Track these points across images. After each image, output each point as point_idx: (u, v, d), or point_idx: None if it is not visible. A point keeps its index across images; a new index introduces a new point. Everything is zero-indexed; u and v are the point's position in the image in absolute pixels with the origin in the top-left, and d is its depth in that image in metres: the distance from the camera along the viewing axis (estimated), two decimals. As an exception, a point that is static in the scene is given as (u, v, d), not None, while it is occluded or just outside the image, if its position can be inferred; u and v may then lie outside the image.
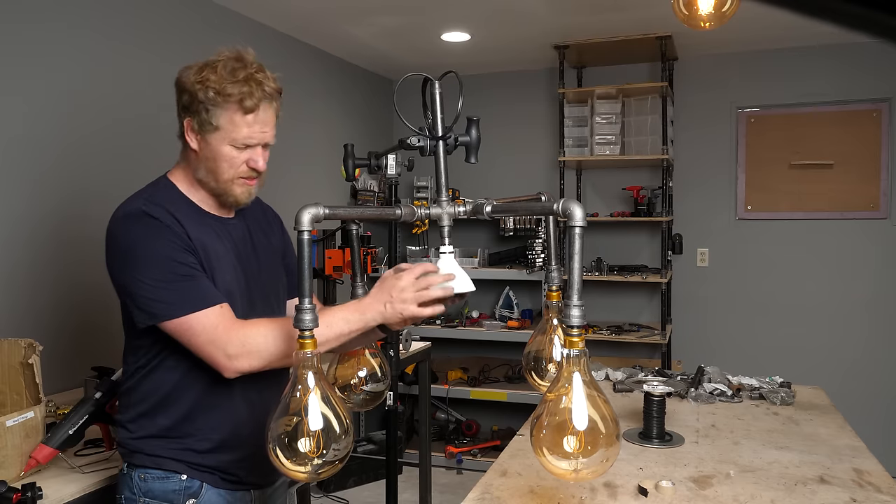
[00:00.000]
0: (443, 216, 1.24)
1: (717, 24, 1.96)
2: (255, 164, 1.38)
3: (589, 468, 0.95)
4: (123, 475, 1.41)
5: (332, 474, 1.07)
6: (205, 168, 1.38)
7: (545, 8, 3.37)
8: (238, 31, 3.32)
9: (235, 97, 1.30)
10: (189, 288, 1.29)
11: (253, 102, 1.32)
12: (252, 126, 1.34)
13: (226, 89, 1.30)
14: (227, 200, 1.41)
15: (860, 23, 0.36)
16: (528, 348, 1.38)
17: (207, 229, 1.40)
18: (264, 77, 1.34)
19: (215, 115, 1.32)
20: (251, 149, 1.37)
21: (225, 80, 1.30)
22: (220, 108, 1.31)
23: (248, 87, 1.31)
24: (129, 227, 1.32)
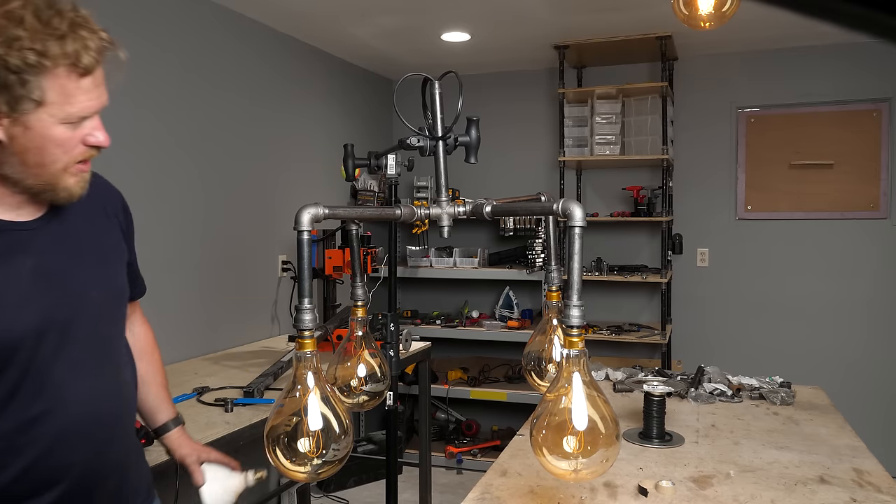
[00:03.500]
0: (443, 216, 1.24)
1: (717, 24, 1.96)
2: (95, 139, 1.03)
3: (589, 468, 0.95)
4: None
5: (331, 474, 1.07)
6: (20, 162, 0.98)
7: (545, 8, 3.37)
8: (238, 30, 3.32)
9: (69, 56, 0.94)
10: None
11: (91, 59, 0.96)
12: (90, 92, 0.99)
13: (50, 48, 0.92)
14: (55, 197, 1.04)
15: (860, 23, 0.36)
16: (527, 348, 1.38)
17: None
18: (88, 21, 1.00)
19: (36, 88, 0.93)
20: (88, 120, 1.02)
21: (45, 36, 0.92)
22: (44, 74, 0.93)
23: (80, 38, 0.95)
24: None
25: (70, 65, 0.95)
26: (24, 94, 0.93)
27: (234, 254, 3.30)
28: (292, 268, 3.67)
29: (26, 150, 0.97)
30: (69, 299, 1.09)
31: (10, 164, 0.99)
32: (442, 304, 4.74)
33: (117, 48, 1.02)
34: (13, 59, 0.90)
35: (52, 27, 0.93)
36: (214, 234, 3.17)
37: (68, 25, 0.94)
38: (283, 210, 3.61)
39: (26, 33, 0.91)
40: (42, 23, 0.92)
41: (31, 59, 0.91)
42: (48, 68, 0.93)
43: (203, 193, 3.09)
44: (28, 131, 0.96)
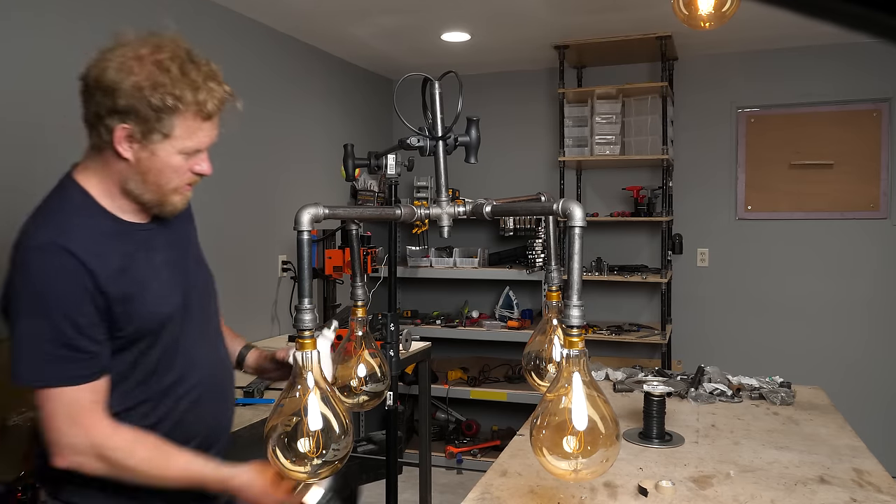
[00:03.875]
0: (443, 216, 1.24)
1: (717, 24, 1.96)
2: (201, 168, 1.24)
3: (589, 468, 0.95)
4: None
5: (331, 474, 1.07)
6: (141, 179, 1.20)
7: (545, 8, 3.37)
8: (238, 30, 3.32)
9: (198, 104, 1.15)
10: (69, 360, 1.13)
11: (214, 107, 1.18)
12: (208, 132, 1.21)
13: (185, 96, 1.14)
14: (162, 210, 1.26)
15: (860, 23, 0.36)
16: (527, 348, 1.38)
17: (132, 248, 1.23)
18: (217, 74, 1.20)
19: (168, 124, 1.15)
20: (199, 153, 1.23)
21: (183, 84, 1.14)
22: (176, 115, 1.15)
23: (209, 90, 1.17)
24: (38, 264, 1.13)
25: (197, 110, 1.16)
26: (157, 128, 1.14)
27: (233, 254, 3.29)
28: (292, 268, 3.67)
29: (148, 170, 1.18)
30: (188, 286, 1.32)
31: (134, 181, 1.20)
32: (442, 304, 4.74)
33: (236, 100, 1.24)
34: (155, 100, 1.12)
35: (190, 78, 1.14)
36: (214, 234, 3.17)
37: (202, 78, 1.16)
38: (283, 210, 3.61)
39: (169, 81, 1.12)
40: (182, 73, 1.14)
41: (168, 102, 1.12)
42: (180, 111, 1.14)
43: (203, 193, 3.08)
44: (152, 157, 1.17)
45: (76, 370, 1.14)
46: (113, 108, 1.13)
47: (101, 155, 1.20)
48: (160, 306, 1.24)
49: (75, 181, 1.23)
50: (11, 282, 1.15)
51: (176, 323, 1.27)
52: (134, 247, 1.23)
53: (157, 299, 1.24)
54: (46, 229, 1.16)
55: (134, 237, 1.24)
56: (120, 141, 1.16)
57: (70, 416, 1.13)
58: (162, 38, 1.18)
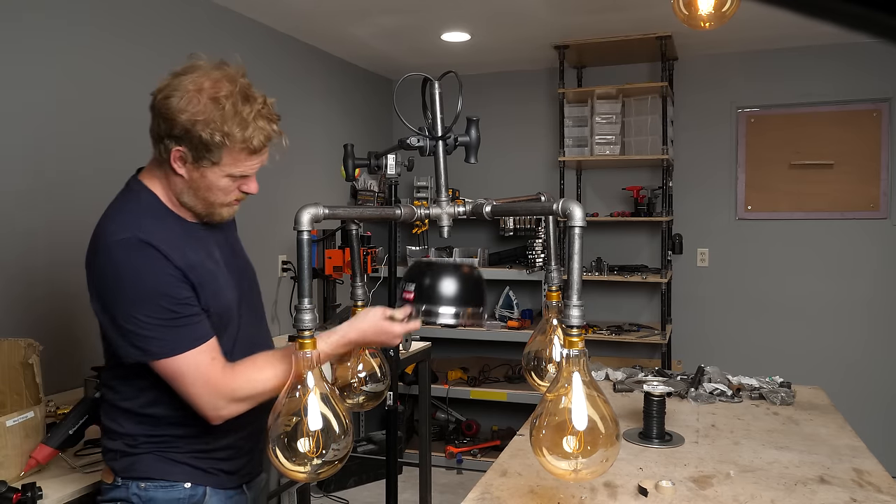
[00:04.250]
0: (443, 216, 1.24)
1: (717, 24, 1.96)
2: (249, 189, 1.36)
3: (589, 468, 0.95)
4: (118, 487, 1.35)
5: (331, 474, 1.07)
6: (193, 194, 1.33)
7: (545, 8, 3.37)
8: (238, 30, 3.33)
9: (245, 140, 1.26)
10: (184, 327, 1.26)
11: (260, 143, 1.29)
12: (254, 161, 1.32)
13: (234, 133, 1.25)
14: (211, 220, 1.39)
15: (860, 23, 0.36)
16: (527, 348, 1.38)
17: (197, 246, 1.36)
18: (269, 111, 1.31)
19: (217, 155, 1.27)
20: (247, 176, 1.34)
21: (232, 122, 1.24)
22: (224, 149, 1.26)
23: (257, 128, 1.27)
24: (124, 258, 1.25)
25: (244, 146, 1.27)
26: (207, 156, 1.27)
27: (234, 254, 3.29)
28: (292, 268, 3.66)
29: (199, 188, 1.32)
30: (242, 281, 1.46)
31: (187, 194, 1.33)
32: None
33: (282, 137, 1.35)
34: (205, 135, 1.23)
35: (241, 116, 1.25)
36: (214, 234, 3.17)
37: (253, 116, 1.26)
38: (283, 210, 3.61)
39: (220, 118, 1.23)
40: (235, 112, 1.24)
41: (216, 138, 1.24)
42: (227, 146, 1.26)
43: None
44: (202, 177, 1.30)
45: (193, 333, 1.26)
46: (170, 133, 1.26)
47: (162, 166, 1.33)
48: (227, 295, 1.37)
49: (143, 184, 1.36)
50: (103, 278, 1.27)
51: (237, 313, 1.40)
52: (198, 244, 1.36)
53: (223, 289, 1.37)
54: (124, 226, 1.28)
55: (196, 235, 1.37)
56: (175, 160, 1.29)
57: (202, 380, 1.25)
58: (226, 71, 1.28)
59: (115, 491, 1.36)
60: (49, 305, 2.40)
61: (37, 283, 2.37)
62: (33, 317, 2.34)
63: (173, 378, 1.26)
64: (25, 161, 2.33)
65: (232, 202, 1.37)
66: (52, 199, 2.42)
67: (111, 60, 2.66)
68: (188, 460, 1.36)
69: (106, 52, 2.63)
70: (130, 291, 1.24)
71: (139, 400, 1.34)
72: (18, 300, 2.31)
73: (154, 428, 1.34)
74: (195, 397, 1.26)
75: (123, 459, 1.35)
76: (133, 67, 2.74)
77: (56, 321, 2.42)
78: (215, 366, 1.27)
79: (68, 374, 2.35)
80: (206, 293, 1.31)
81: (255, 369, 1.27)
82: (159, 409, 1.33)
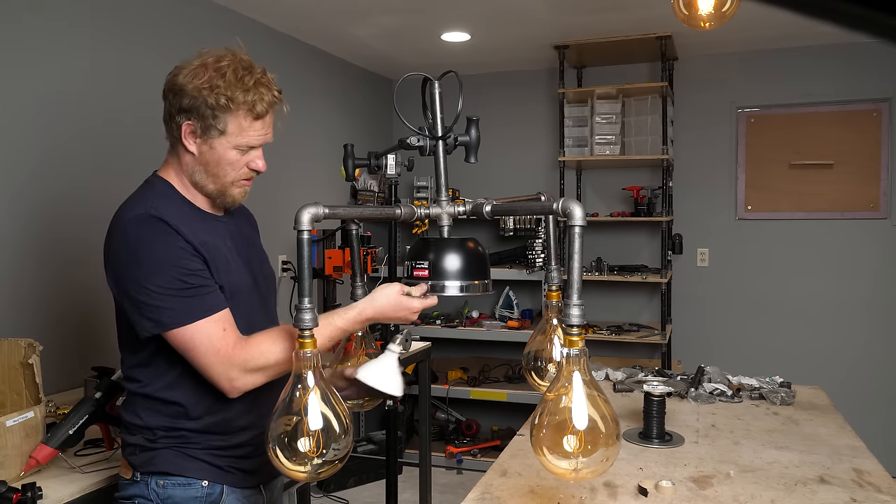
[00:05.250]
0: (442, 216, 1.24)
1: (717, 24, 1.96)
2: (256, 165, 1.39)
3: (589, 468, 0.95)
4: (135, 482, 1.37)
5: (331, 474, 1.07)
6: (204, 171, 1.37)
7: (545, 8, 3.37)
8: (238, 30, 3.32)
9: (248, 104, 1.31)
10: (195, 297, 1.28)
11: (263, 108, 1.33)
12: (259, 130, 1.36)
13: (237, 96, 1.30)
14: (223, 202, 1.42)
15: (860, 23, 0.36)
16: (527, 348, 1.38)
17: (209, 229, 1.40)
18: (270, 82, 1.36)
19: (223, 121, 1.32)
20: (253, 150, 1.38)
21: (235, 87, 1.30)
22: (229, 113, 1.31)
23: (259, 93, 1.32)
24: (136, 232, 1.30)
25: (248, 110, 1.32)
26: (214, 124, 1.32)
27: (234, 254, 3.29)
28: (292, 268, 3.66)
29: (208, 163, 1.36)
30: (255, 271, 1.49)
31: (198, 172, 1.38)
32: (442, 304, 4.73)
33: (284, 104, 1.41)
34: (211, 99, 1.29)
35: (243, 82, 1.31)
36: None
37: (254, 83, 1.32)
38: (283, 210, 3.61)
39: (224, 84, 1.30)
40: (237, 79, 1.31)
41: (222, 101, 1.30)
42: (232, 110, 1.31)
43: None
44: (211, 150, 1.34)
45: (205, 303, 1.29)
46: (180, 107, 1.32)
47: (175, 151, 1.39)
48: (237, 275, 1.41)
49: (158, 175, 1.42)
50: (118, 254, 1.31)
51: (248, 297, 1.43)
52: (211, 229, 1.40)
53: (234, 270, 1.40)
54: (136, 207, 1.33)
55: (209, 222, 1.42)
56: (185, 135, 1.34)
57: (213, 349, 1.27)
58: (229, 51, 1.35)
59: (134, 487, 1.38)
60: (49, 305, 2.40)
61: (37, 283, 2.37)
62: (33, 317, 2.34)
63: (186, 349, 1.28)
64: (25, 161, 2.33)
65: (241, 180, 1.40)
66: (51, 198, 2.42)
67: (110, 61, 2.65)
68: (205, 457, 1.36)
69: (105, 52, 2.63)
70: (143, 263, 1.28)
71: (158, 384, 1.35)
72: (18, 300, 2.30)
73: (171, 420, 1.35)
74: (208, 367, 1.28)
75: (143, 454, 1.36)
76: (133, 68, 2.74)
77: (56, 321, 2.42)
78: (228, 336, 1.29)
79: (68, 374, 2.35)
80: (217, 269, 1.35)
81: (269, 341, 1.28)
82: (177, 394, 1.34)
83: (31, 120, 2.35)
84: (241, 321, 1.37)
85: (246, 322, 1.39)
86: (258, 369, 1.28)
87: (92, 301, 2.47)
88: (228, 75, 1.30)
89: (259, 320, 1.45)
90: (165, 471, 1.35)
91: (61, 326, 2.43)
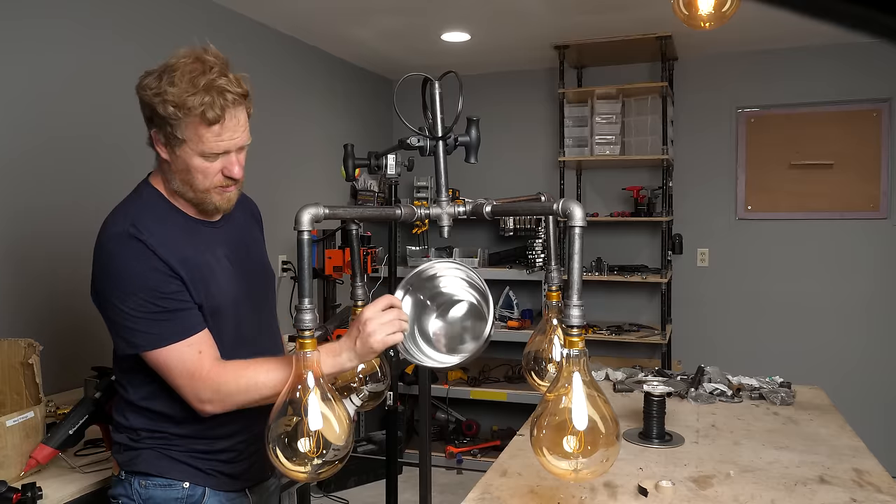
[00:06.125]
0: (443, 216, 1.24)
1: (717, 24, 1.96)
2: (229, 172, 1.32)
3: (589, 468, 0.95)
4: (120, 480, 1.38)
5: (332, 474, 1.07)
6: (179, 179, 1.33)
7: (545, 8, 3.37)
8: (238, 31, 3.32)
9: (196, 110, 1.23)
10: (169, 321, 1.26)
11: (215, 114, 1.24)
12: (220, 135, 1.27)
13: (185, 102, 1.22)
14: (207, 209, 1.37)
15: (860, 23, 0.36)
16: (527, 348, 1.38)
17: (196, 241, 1.36)
18: (227, 82, 1.26)
19: (179, 129, 1.25)
20: (224, 156, 1.30)
21: (184, 92, 1.22)
22: (181, 122, 1.24)
23: (210, 96, 1.23)
24: (114, 252, 1.28)
25: (199, 116, 1.24)
26: (173, 133, 1.26)
27: (234, 254, 3.29)
28: (292, 268, 3.66)
29: (179, 170, 1.31)
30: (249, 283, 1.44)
31: (175, 180, 1.34)
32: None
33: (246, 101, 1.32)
34: (160, 109, 1.24)
35: (194, 85, 1.23)
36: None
37: (205, 84, 1.23)
38: (283, 210, 3.61)
39: (174, 89, 1.23)
40: (187, 82, 1.23)
41: (170, 110, 1.23)
42: (183, 118, 1.24)
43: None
44: (178, 159, 1.29)
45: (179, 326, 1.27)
46: (146, 117, 1.31)
47: (158, 158, 1.36)
48: (225, 291, 1.37)
49: (148, 183, 1.39)
50: (98, 271, 1.30)
51: (236, 311, 1.39)
52: (198, 238, 1.37)
53: (220, 284, 1.36)
54: (118, 221, 1.31)
55: (198, 230, 1.38)
56: (157, 144, 1.31)
57: (187, 373, 1.25)
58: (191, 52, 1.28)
59: (119, 486, 1.39)
60: (49, 305, 2.40)
61: (37, 283, 2.36)
62: (33, 317, 2.34)
63: (161, 370, 1.28)
64: (25, 160, 2.33)
65: (218, 187, 1.33)
66: (51, 198, 2.42)
67: (109, 61, 2.65)
68: (187, 459, 1.36)
69: (104, 52, 2.63)
70: (118, 284, 1.27)
71: (139, 393, 1.36)
72: (18, 300, 2.30)
73: (154, 423, 1.36)
74: (180, 388, 1.27)
75: (126, 453, 1.37)
76: (130, 68, 2.73)
77: (56, 321, 2.41)
78: (203, 359, 1.27)
79: (68, 374, 2.35)
80: (197, 288, 1.31)
81: (248, 369, 1.25)
82: (157, 404, 1.35)
83: (29, 118, 2.35)
84: (231, 333, 1.37)
85: (236, 334, 1.39)
86: (230, 395, 1.25)
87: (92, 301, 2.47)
88: (177, 81, 1.23)
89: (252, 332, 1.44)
90: (147, 471, 1.35)
91: (61, 326, 2.43)
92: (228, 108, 1.26)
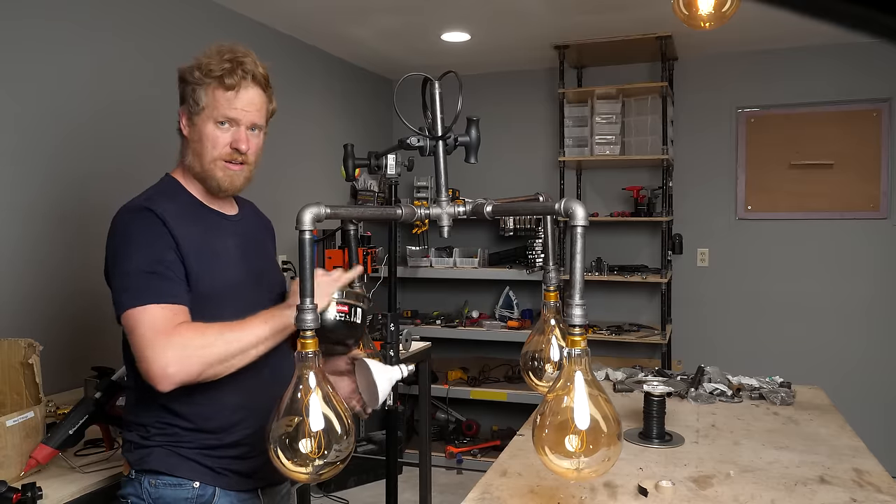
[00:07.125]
0: (443, 216, 1.24)
1: (717, 24, 1.96)
2: (237, 144, 1.39)
3: (591, 467, 0.95)
4: (130, 479, 1.38)
5: (333, 475, 1.07)
6: (192, 152, 1.41)
7: (545, 8, 3.37)
8: (238, 31, 3.32)
9: (216, 73, 1.35)
10: (156, 285, 1.28)
11: (234, 80, 1.36)
12: (233, 102, 1.37)
13: (209, 65, 1.35)
14: (210, 185, 1.42)
15: (860, 23, 0.36)
16: (525, 348, 1.38)
17: (209, 223, 1.42)
18: (250, 61, 1.39)
19: (200, 95, 1.37)
20: (235, 129, 1.39)
21: (211, 60, 1.36)
22: (203, 85, 1.36)
23: (231, 65, 1.36)
24: (127, 220, 1.35)
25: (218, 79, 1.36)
26: (195, 101, 1.38)
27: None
28: (292, 268, 3.66)
29: (193, 141, 1.40)
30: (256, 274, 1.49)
31: (188, 154, 1.42)
32: (442, 304, 4.74)
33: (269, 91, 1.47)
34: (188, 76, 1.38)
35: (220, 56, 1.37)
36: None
37: (230, 57, 1.37)
38: (284, 210, 3.59)
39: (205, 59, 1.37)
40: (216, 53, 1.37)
41: (196, 75, 1.37)
42: (206, 83, 1.36)
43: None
44: (195, 127, 1.39)
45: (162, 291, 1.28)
46: (180, 94, 1.41)
47: (181, 145, 1.45)
48: (226, 275, 1.41)
49: (168, 174, 1.48)
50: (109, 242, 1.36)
51: (239, 296, 1.41)
52: (210, 223, 1.44)
53: (224, 269, 1.41)
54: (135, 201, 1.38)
55: (212, 217, 1.45)
56: (182, 123, 1.42)
57: (153, 328, 1.24)
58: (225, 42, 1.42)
59: (129, 485, 1.38)
60: (49, 305, 2.40)
61: (37, 283, 2.37)
62: (33, 317, 2.34)
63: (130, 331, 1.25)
64: (25, 160, 2.33)
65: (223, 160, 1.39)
66: (52, 199, 2.42)
67: (109, 61, 2.65)
68: (197, 457, 1.35)
69: (104, 52, 2.63)
70: (124, 247, 1.32)
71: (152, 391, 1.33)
72: (18, 300, 2.30)
73: (164, 417, 1.35)
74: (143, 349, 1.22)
75: (137, 451, 1.37)
76: (131, 68, 2.74)
77: (56, 321, 2.42)
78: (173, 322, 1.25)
79: (68, 374, 2.35)
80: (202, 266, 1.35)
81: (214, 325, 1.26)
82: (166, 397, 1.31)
83: (30, 122, 2.35)
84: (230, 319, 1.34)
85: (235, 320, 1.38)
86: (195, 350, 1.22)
87: (92, 301, 2.47)
88: (209, 52, 1.37)
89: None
90: (157, 469, 1.34)
91: (61, 326, 2.43)
92: (246, 79, 1.38)
